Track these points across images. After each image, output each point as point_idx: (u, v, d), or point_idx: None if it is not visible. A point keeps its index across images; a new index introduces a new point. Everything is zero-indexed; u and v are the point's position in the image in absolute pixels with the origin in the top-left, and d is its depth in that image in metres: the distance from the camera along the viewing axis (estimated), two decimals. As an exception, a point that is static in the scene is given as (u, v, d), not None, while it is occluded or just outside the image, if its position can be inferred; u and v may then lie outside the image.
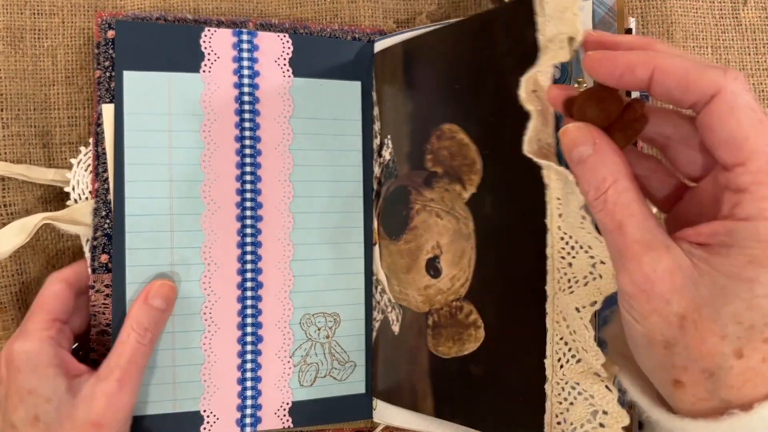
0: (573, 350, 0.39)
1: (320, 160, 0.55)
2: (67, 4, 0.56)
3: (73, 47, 0.56)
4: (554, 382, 0.40)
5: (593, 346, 0.37)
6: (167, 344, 0.52)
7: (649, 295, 0.32)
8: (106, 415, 0.46)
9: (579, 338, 0.38)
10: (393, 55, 0.54)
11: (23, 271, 0.54)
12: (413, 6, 0.60)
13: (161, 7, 0.57)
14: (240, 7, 0.58)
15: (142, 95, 0.51)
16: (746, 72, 0.59)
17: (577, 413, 0.39)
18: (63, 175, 0.54)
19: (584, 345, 0.38)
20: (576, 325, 0.38)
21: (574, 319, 0.38)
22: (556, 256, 0.39)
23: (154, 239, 0.51)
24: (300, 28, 0.56)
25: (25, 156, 0.54)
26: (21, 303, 0.53)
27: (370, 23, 0.59)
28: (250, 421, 0.53)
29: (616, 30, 0.47)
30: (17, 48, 0.55)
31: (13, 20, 0.55)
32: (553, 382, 0.40)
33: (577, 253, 0.38)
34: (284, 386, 0.54)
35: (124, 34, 0.51)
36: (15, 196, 0.54)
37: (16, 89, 0.54)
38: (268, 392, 0.54)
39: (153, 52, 0.52)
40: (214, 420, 0.53)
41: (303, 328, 0.55)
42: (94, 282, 0.50)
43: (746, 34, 0.59)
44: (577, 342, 0.38)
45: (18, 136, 0.54)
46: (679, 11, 0.59)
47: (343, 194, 0.56)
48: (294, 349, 0.55)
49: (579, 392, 0.39)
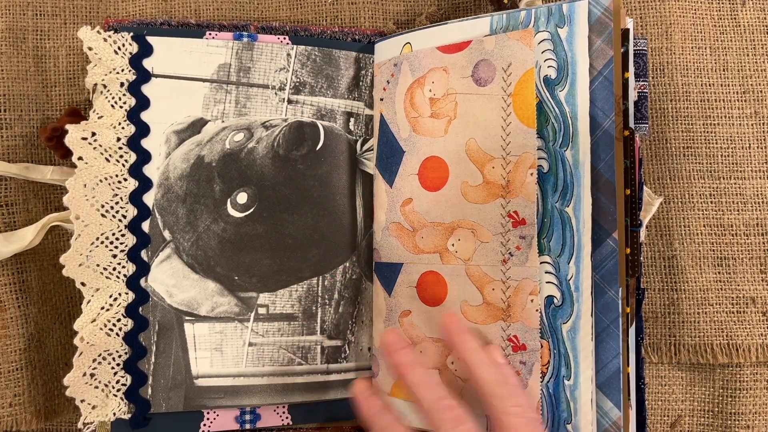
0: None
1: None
2: (69, 5, 0.57)
3: (74, 48, 0.56)
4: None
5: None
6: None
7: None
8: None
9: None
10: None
11: (24, 270, 0.54)
12: (413, 7, 0.60)
13: (163, 9, 0.58)
14: (240, 9, 0.59)
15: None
16: (745, 73, 0.59)
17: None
18: (63, 174, 0.54)
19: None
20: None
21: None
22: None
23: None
24: (300, 30, 0.56)
25: (27, 156, 0.55)
26: (21, 302, 0.54)
27: (369, 25, 0.59)
28: (250, 417, 0.53)
29: (612, 31, 0.47)
30: (19, 49, 0.55)
31: (15, 21, 0.55)
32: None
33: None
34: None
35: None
36: (15, 195, 0.54)
37: (19, 90, 0.55)
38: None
39: None
40: (213, 416, 0.53)
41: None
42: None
43: (745, 35, 0.59)
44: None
45: (21, 137, 0.54)
46: (677, 12, 0.59)
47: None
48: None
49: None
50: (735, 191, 0.57)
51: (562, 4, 0.48)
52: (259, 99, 0.54)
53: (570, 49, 0.47)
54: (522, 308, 0.48)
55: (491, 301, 0.49)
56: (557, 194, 0.47)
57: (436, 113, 0.52)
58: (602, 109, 0.47)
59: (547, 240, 0.48)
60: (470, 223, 0.50)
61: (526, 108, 0.48)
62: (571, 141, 0.47)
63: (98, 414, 0.50)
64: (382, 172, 0.55)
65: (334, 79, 0.56)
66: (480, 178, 0.50)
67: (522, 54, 0.48)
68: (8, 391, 0.53)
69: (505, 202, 0.48)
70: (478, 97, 0.50)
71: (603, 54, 0.47)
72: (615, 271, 0.46)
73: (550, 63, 0.48)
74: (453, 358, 0.51)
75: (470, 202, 0.50)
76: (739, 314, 0.56)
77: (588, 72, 0.47)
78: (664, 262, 0.58)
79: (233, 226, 0.53)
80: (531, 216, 0.48)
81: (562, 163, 0.47)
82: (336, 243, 0.55)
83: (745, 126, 0.58)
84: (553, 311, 0.47)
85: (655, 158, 0.58)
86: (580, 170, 0.47)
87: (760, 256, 0.57)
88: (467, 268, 0.50)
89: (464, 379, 0.50)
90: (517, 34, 0.49)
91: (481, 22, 0.51)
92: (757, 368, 0.57)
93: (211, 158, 0.53)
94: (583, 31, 0.47)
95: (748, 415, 0.56)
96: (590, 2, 0.47)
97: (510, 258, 0.48)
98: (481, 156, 0.50)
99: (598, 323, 0.47)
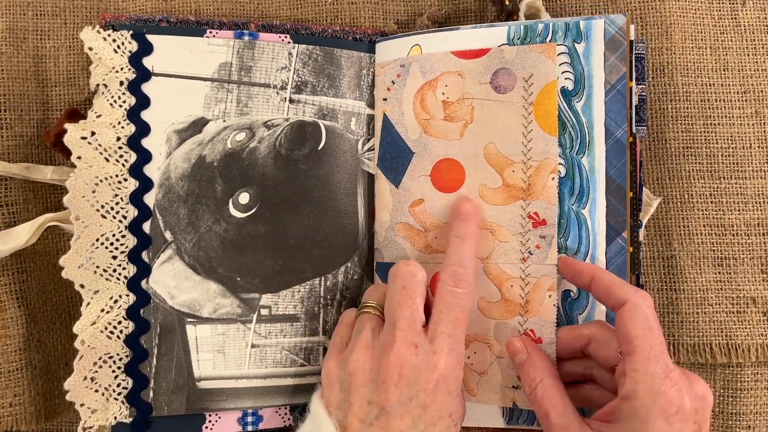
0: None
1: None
2: (69, 5, 0.57)
3: (75, 48, 0.56)
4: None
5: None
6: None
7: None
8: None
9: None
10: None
11: (24, 270, 0.54)
12: (414, 7, 0.60)
13: (163, 8, 0.57)
14: (241, 8, 0.59)
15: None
16: (745, 73, 0.59)
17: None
18: (63, 174, 0.54)
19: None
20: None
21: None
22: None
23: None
24: (301, 29, 0.56)
25: (27, 156, 0.55)
26: (21, 302, 0.53)
27: (370, 24, 0.59)
28: (252, 419, 0.53)
29: (626, 50, 0.50)
30: (20, 49, 0.55)
31: (15, 21, 0.55)
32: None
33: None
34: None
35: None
36: (15, 195, 0.54)
37: (19, 90, 0.54)
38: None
39: None
40: (216, 419, 0.53)
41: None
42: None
43: (745, 35, 0.59)
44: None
45: (21, 137, 0.54)
46: (677, 12, 0.59)
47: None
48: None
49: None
50: (736, 191, 0.57)
51: (579, 21, 0.51)
52: (260, 98, 0.54)
53: (587, 63, 0.50)
54: (540, 303, 0.50)
55: (509, 297, 0.51)
56: (574, 197, 0.50)
57: (450, 116, 0.53)
58: (615, 120, 0.50)
59: (564, 239, 0.50)
60: (489, 223, 0.52)
61: (548, 117, 0.51)
62: (587, 149, 0.50)
63: (98, 418, 0.49)
64: (385, 173, 0.55)
65: (336, 79, 0.56)
66: (499, 181, 0.52)
67: (544, 66, 0.51)
68: (8, 391, 0.52)
69: (525, 204, 0.51)
70: (498, 103, 0.52)
71: (616, 69, 0.50)
72: (624, 267, 0.50)
73: (567, 75, 0.51)
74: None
75: (489, 204, 0.52)
76: (739, 314, 0.57)
77: (603, 86, 0.50)
78: (663, 262, 0.58)
79: (235, 227, 0.53)
80: (552, 217, 0.50)
81: (579, 169, 0.50)
82: (338, 243, 0.55)
83: (745, 126, 0.58)
84: (570, 304, 0.51)
85: (655, 158, 0.58)
86: (595, 176, 0.50)
87: (761, 256, 0.57)
88: (485, 266, 0.52)
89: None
90: (540, 47, 0.51)
91: (498, 31, 0.52)
92: (758, 368, 0.57)
93: (212, 158, 0.53)
94: (600, 48, 0.50)
95: (749, 415, 0.57)
96: (606, 21, 0.50)
97: (530, 256, 0.51)
98: (500, 160, 0.52)
99: (609, 313, 0.50)
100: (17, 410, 0.53)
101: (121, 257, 0.51)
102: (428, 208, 0.54)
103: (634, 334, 0.43)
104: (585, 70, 0.50)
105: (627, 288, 0.45)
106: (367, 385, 0.45)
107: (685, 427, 0.41)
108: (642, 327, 0.43)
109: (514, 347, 0.49)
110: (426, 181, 0.54)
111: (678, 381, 0.42)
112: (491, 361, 0.51)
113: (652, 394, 0.41)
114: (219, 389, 0.52)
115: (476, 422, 0.53)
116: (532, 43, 0.51)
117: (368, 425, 0.44)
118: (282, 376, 0.54)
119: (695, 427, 0.42)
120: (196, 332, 0.52)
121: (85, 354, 0.49)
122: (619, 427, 0.42)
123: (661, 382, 0.41)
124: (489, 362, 0.51)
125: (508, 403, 0.51)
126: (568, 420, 0.45)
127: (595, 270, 0.47)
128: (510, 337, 0.50)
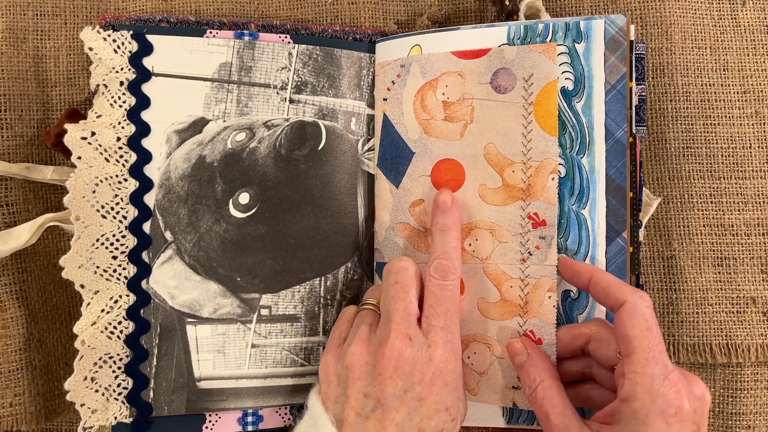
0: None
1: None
2: (69, 5, 0.57)
3: (75, 48, 0.56)
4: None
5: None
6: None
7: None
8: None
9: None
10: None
11: (24, 270, 0.54)
12: (414, 7, 0.60)
13: (163, 8, 0.57)
14: (241, 8, 0.59)
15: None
16: (745, 73, 0.59)
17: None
18: (63, 174, 0.54)
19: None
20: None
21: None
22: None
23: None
24: (301, 29, 0.56)
25: (27, 156, 0.55)
26: (21, 302, 0.53)
27: (370, 24, 0.59)
28: (252, 419, 0.53)
29: (626, 50, 0.50)
30: (20, 49, 0.55)
31: (15, 21, 0.55)
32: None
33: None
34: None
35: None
36: (16, 195, 0.54)
37: (19, 90, 0.54)
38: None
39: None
40: (216, 419, 0.53)
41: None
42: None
43: (745, 35, 0.59)
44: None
45: (21, 137, 0.54)
46: (677, 12, 0.59)
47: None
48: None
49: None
50: (736, 191, 0.57)
51: (579, 21, 0.50)
52: (260, 98, 0.54)
53: (587, 64, 0.50)
54: (539, 304, 0.50)
55: (509, 298, 0.51)
56: (574, 197, 0.50)
57: (451, 117, 0.53)
58: (615, 120, 0.50)
59: (563, 240, 0.50)
60: (488, 223, 0.51)
61: (548, 117, 0.50)
62: (587, 149, 0.50)
63: (98, 418, 0.49)
64: (385, 173, 0.55)
65: (336, 79, 0.56)
66: (499, 181, 0.52)
67: (545, 66, 0.51)
68: (8, 391, 0.52)
69: (525, 204, 0.51)
70: (498, 103, 0.52)
71: (616, 70, 0.50)
72: (624, 267, 0.50)
73: (567, 75, 0.51)
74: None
75: (488, 204, 0.52)
76: (738, 314, 0.57)
77: (603, 86, 0.50)
78: (663, 262, 0.58)
79: (235, 227, 0.53)
80: (552, 218, 0.50)
81: (579, 169, 0.50)
82: (338, 243, 0.55)
83: (745, 126, 0.58)
84: (570, 304, 0.50)
85: (655, 158, 0.58)
86: (595, 176, 0.50)
87: (761, 256, 0.57)
88: (485, 267, 0.51)
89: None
90: (540, 47, 0.51)
91: (498, 31, 0.52)
92: (758, 368, 0.57)
93: (212, 158, 0.53)
94: (600, 48, 0.50)
95: (749, 415, 0.57)
96: (606, 21, 0.50)
97: (529, 257, 0.50)
98: (500, 160, 0.52)
99: (609, 313, 0.50)
100: (17, 410, 0.53)
101: (121, 257, 0.51)
102: (428, 208, 0.53)
103: (632, 335, 0.43)
104: (585, 70, 0.50)
105: (625, 288, 0.45)
106: (363, 378, 0.45)
107: (684, 428, 0.41)
108: (640, 328, 0.43)
109: (514, 348, 0.49)
110: (426, 181, 0.54)
111: (677, 382, 0.42)
112: (491, 361, 0.51)
113: (651, 396, 0.41)
114: (219, 389, 0.52)
115: (476, 422, 0.53)
116: (532, 43, 0.51)
117: (364, 418, 0.44)
118: (282, 376, 0.54)
119: (694, 427, 0.42)
120: (197, 332, 0.52)
121: (86, 354, 0.49)
122: (619, 429, 0.42)
123: (660, 383, 0.41)
124: (489, 363, 0.51)
125: (509, 403, 0.51)
126: (568, 421, 0.45)
127: (594, 270, 0.47)
128: (510, 338, 0.50)
